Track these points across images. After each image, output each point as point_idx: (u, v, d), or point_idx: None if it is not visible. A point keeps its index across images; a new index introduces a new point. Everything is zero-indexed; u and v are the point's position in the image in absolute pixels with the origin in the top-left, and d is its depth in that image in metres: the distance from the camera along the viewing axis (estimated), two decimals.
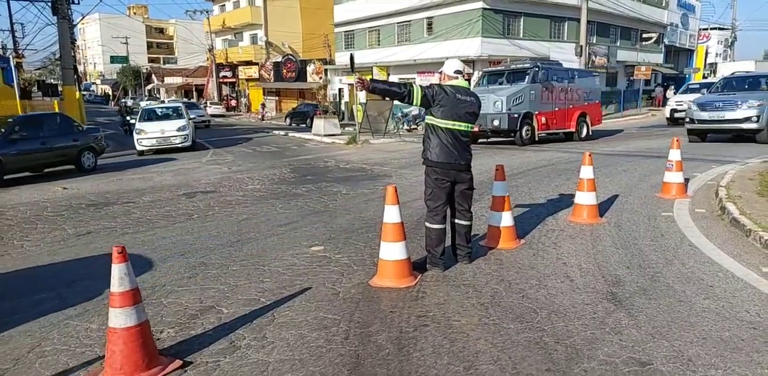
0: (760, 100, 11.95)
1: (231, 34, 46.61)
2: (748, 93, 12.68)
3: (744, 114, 11.90)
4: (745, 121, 11.92)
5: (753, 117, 11.83)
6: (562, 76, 15.43)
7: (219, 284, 4.26)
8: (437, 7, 26.44)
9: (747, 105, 11.90)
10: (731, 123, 12.13)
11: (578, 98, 15.94)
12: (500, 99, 13.83)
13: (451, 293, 3.88)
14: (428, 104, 4.18)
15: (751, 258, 4.35)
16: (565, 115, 15.48)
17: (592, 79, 17.04)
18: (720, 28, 43.33)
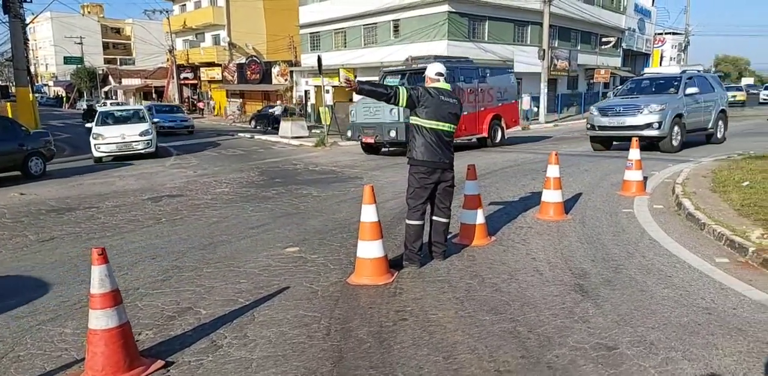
0: (662, 104, 10.93)
1: (192, 35, 45.77)
2: (652, 96, 11.70)
3: (645, 120, 10.88)
4: (646, 127, 10.88)
5: (654, 123, 10.81)
6: (470, 75, 13.80)
7: (194, 286, 4.26)
8: (403, 10, 26.70)
9: (648, 110, 10.91)
10: (632, 130, 10.95)
11: (490, 99, 14.37)
12: (396, 106, 12.78)
13: (427, 288, 3.99)
14: (413, 105, 4.32)
15: (705, 250, 4.62)
16: (476, 119, 13.87)
17: (506, 77, 15.24)
18: (674, 32, 45.17)
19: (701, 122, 12.22)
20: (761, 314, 3.34)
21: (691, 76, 12.35)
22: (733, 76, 74.08)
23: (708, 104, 12.33)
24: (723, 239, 4.68)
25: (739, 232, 4.68)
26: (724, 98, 13.43)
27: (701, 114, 12.12)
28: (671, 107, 10.96)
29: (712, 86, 12.87)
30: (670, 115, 10.86)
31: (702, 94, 11.99)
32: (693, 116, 11.73)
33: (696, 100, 11.76)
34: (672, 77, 12.50)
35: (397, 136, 12.26)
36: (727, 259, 4.36)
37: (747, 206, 5.55)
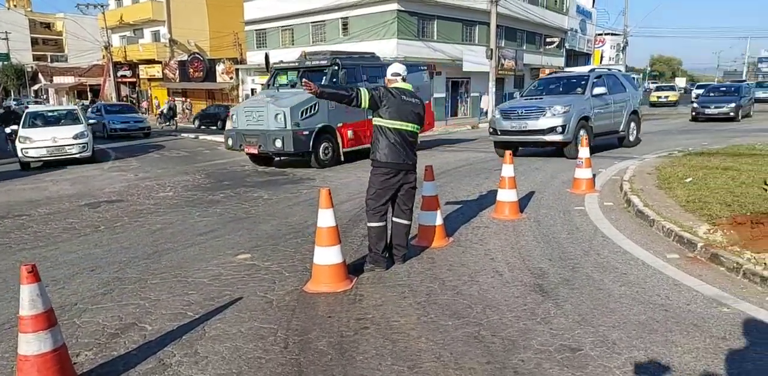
0: (567, 106, 9.97)
1: (130, 31, 43.80)
2: (558, 97, 10.75)
3: (548, 123, 9.95)
4: (549, 132, 9.95)
5: (558, 127, 9.83)
6: (374, 73, 11.57)
7: (138, 300, 3.97)
8: (352, 8, 26.50)
9: (552, 112, 9.94)
10: (535, 134, 10.12)
11: None
12: (282, 111, 10.25)
13: (387, 294, 3.88)
14: (376, 106, 4.22)
15: (656, 246, 4.74)
16: (364, 130, 11.89)
17: (418, 75, 13.33)
18: (613, 33, 47.08)
19: (611, 125, 11.39)
20: (713, 309, 3.42)
21: (599, 75, 11.53)
22: (667, 76, 78.17)
23: (619, 105, 11.55)
24: (672, 235, 4.81)
25: (686, 228, 4.83)
26: (637, 98, 12.57)
27: (611, 116, 11.29)
28: (577, 109, 10.10)
29: (624, 86, 12.08)
30: (575, 118, 10.00)
31: (612, 95, 11.24)
32: (602, 118, 10.92)
33: (605, 101, 10.99)
34: (579, 77, 11.57)
35: (283, 146, 10.30)
36: (677, 255, 4.48)
37: (692, 201, 5.75)
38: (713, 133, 15.15)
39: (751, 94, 22.73)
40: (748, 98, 21.66)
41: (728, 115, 19.12)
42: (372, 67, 11.93)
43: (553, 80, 12.13)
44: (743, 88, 21.89)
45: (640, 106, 12.77)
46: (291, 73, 11.80)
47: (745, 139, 12.63)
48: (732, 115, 19.10)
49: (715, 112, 19.46)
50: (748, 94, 22.15)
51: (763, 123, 18.51)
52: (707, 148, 10.88)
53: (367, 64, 12.02)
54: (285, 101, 10.56)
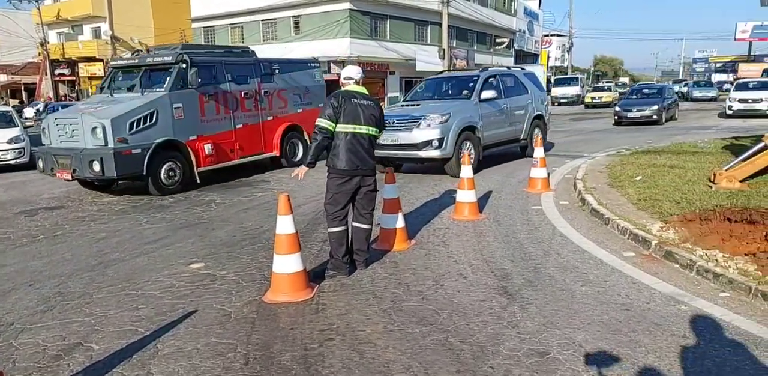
0: (445, 114, 8.21)
1: (68, 27, 41.70)
2: (440, 103, 9.04)
3: (422, 136, 8.08)
4: (424, 146, 8.10)
5: (434, 140, 8.01)
6: (243, 72, 9.59)
7: (83, 316, 3.70)
8: (304, 6, 26.16)
9: (427, 122, 8.12)
10: (407, 149, 8.29)
11: (283, 104, 10.39)
12: (100, 124, 7.66)
13: (351, 302, 3.77)
14: (339, 118, 4.13)
15: (612, 245, 4.83)
16: (260, 133, 9.88)
17: (307, 74, 11.13)
18: (559, 35, 48.58)
19: (509, 133, 9.74)
20: (672, 307, 3.49)
21: (493, 74, 9.71)
22: (609, 75, 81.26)
23: (518, 110, 9.89)
24: (627, 233, 4.92)
25: (640, 226, 4.95)
26: (542, 101, 10.91)
27: (507, 122, 9.63)
28: (459, 118, 8.35)
29: (525, 87, 10.33)
30: (456, 129, 8.25)
31: (509, 98, 9.61)
32: (495, 127, 9.23)
33: (498, 106, 9.33)
34: (468, 78, 9.73)
35: (103, 170, 7.55)
36: (633, 253, 4.57)
37: (643, 200, 5.91)
38: (646, 134, 15.77)
39: (674, 96, 21.52)
40: (672, 100, 20.50)
41: (651, 118, 18.12)
42: (239, 66, 9.57)
43: (442, 81, 10.19)
44: (666, 90, 21.05)
45: (547, 109, 11.19)
46: (129, 73, 9.18)
47: (686, 137, 13.22)
48: (655, 118, 18.13)
49: (637, 116, 18.39)
50: (672, 95, 21.16)
51: (691, 122, 19.40)
52: (653, 146, 11.30)
53: (232, 62, 9.50)
54: (106, 110, 7.94)
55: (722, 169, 6.39)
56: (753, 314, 3.32)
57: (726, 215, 5.00)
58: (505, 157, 10.61)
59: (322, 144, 4.14)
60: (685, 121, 20.00)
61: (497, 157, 10.92)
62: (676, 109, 20.76)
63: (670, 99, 20.14)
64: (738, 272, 3.76)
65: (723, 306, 3.45)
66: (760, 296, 3.45)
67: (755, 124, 16.15)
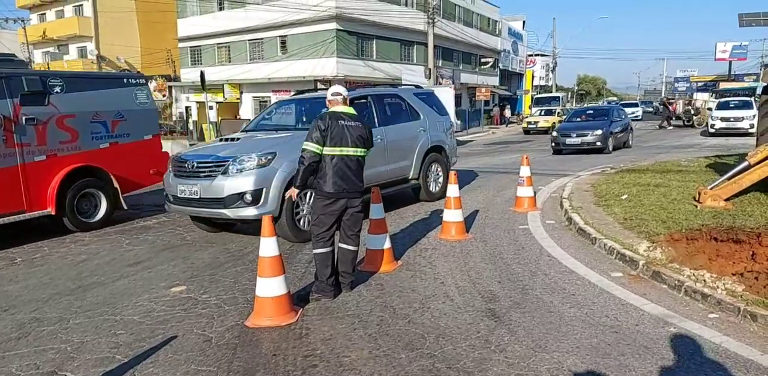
0: (265, 154, 5.72)
1: (54, 47, 41.62)
2: (273, 136, 6.52)
3: (230, 187, 5.63)
4: (232, 202, 5.63)
5: (247, 193, 5.56)
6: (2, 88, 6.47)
7: (59, 343, 3.57)
8: (291, 26, 26.37)
9: (237, 166, 5.67)
10: (210, 206, 5.86)
11: (67, 138, 7.14)
12: None
13: (336, 326, 3.68)
14: (326, 141, 4.09)
15: (600, 265, 4.80)
16: (14, 182, 6.56)
17: (119, 95, 7.86)
18: (543, 54, 49.46)
19: (386, 173, 7.08)
20: (661, 329, 3.45)
21: (360, 96, 6.99)
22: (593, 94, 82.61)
23: (402, 142, 7.38)
24: (614, 253, 4.91)
25: (627, 245, 4.94)
26: (444, 129, 8.44)
27: (383, 159, 6.98)
28: (289, 159, 5.60)
29: (415, 112, 7.82)
30: (284, 175, 5.60)
31: (385, 127, 7.07)
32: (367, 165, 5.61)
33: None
34: (323, 100, 5.60)
35: None
36: (620, 273, 4.55)
37: (629, 219, 5.92)
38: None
39: (625, 119, 17.75)
40: (623, 124, 16.78)
41: (594, 145, 14.87)
42: None
43: (293, 105, 7.59)
44: (614, 112, 17.20)
45: (451, 138, 8.74)
46: None
47: (669, 156, 13.38)
48: (599, 146, 14.85)
49: (576, 142, 15.06)
50: (623, 118, 17.39)
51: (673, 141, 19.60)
52: (637, 164, 11.41)
53: None
54: None
55: (707, 188, 6.44)
56: (743, 336, 3.29)
57: (712, 235, 5.01)
58: (491, 174, 10.57)
59: (309, 168, 4.10)
60: (667, 139, 20.32)
61: (482, 176, 10.90)
62: (629, 134, 17.25)
63: (620, 123, 16.60)
64: (726, 292, 3.74)
65: (712, 328, 3.42)
66: (749, 317, 3.43)
67: (737, 143, 16.43)
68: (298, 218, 5.87)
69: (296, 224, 5.85)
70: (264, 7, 26.55)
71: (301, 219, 5.93)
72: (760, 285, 3.88)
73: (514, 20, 47.78)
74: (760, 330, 3.34)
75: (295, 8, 24.75)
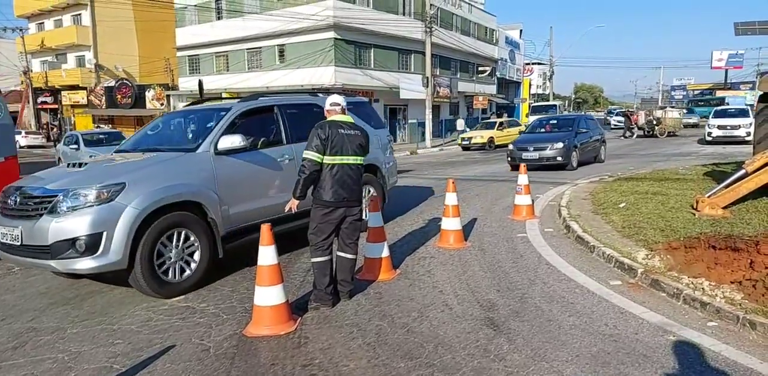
0: (109, 186, 4.34)
1: (52, 56, 41.76)
2: (141, 158, 5.11)
3: (58, 231, 4.20)
4: (61, 251, 4.21)
5: (80, 239, 4.16)
6: None
7: (57, 353, 3.55)
8: (289, 36, 26.52)
9: (69, 203, 4.27)
10: (33, 255, 4.40)
11: None
12: None
13: (335, 335, 3.66)
14: (326, 150, 4.09)
15: (599, 273, 4.80)
16: None
17: None
18: (540, 63, 49.80)
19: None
20: (660, 338, 3.45)
21: (263, 107, 5.77)
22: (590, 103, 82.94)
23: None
24: (613, 261, 4.90)
25: (625, 253, 4.94)
26: (381, 145, 7.03)
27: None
28: (146, 191, 4.43)
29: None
30: (135, 214, 4.30)
31: (297, 144, 5.60)
32: (260, 196, 5.37)
33: (267, 160, 5.45)
34: (213, 112, 5.64)
35: None
36: (619, 281, 4.55)
37: (628, 227, 5.93)
38: None
39: (596, 129, 15.26)
40: (591, 135, 14.45)
41: (555, 160, 12.87)
42: None
43: (180, 119, 6.20)
44: (581, 122, 14.60)
45: (389, 156, 7.42)
46: None
47: (667, 164, 13.43)
48: (560, 161, 12.86)
49: (533, 157, 12.96)
50: (592, 128, 14.86)
51: (671, 149, 19.71)
52: (635, 172, 11.44)
53: None
54: None
55: (705, 196, 6.45)
56: (742, 344, 3.28)
57: (710, 243, 5.01)
58: (487, 184, 10.50)
59: (310, 177, 4.09)
60: (665, 147, 20.40)
61: (480, 184, 10.89)
62: (601, 148, 15.07)
63: (588, 135, 14.30)
64: (725, 300, 3.74)
65: (711, 336, 3.42)
66: (748, 325, 3.42)
67: (735, 151, 16.50)
68: (164, 269, 4.49)
69: (159, 276, 4.43)
70: (262, 16, 26.73)
71: (170, 269, 4.53)
72: (758, 293, 3.88)
73: (511, 29, 48.16)
74: (759, 338, 3.34)
75: (293, 17, 24.92)
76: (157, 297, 4.52)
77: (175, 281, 4.61)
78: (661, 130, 26.38)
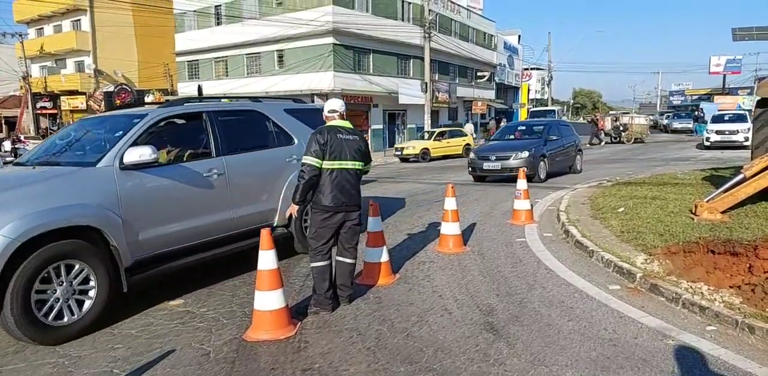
0: None
1: (51, 61, 41.83)
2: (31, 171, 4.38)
3: None
4: None
5: None
6: None
7: (56, 357, 3.55)
8: (288, 41, 26.60)
9: None
10: None
11: None
12: None
13: (334, 339, 3.67)
14: (325, 155, 4.11)
15: (598, 277, 4.81)
16: None
17: None
18: (538, 68, 49.98)
19: (236, 221, 5.11)
20: (659, 342, 3.45)
21: (194, 113, 5.16)
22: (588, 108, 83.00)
23: (260, 176, 5.46)
24: (611, 266, 4.92)
25: (624, 258, 4.95)
26: None
27: (229, 202, 5.05)
28: (17, 217, 3.60)
29: (285, 135, 5.85)
30: (3, 244, 3.47)
31: (231, 157, 5.13)
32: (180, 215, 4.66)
33: (189, 174, 4.77)
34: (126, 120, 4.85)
35: None
36: (618, 286, 4.55)
37: (626, 232, 5.94)
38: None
39: (571, 136, 13.75)
40: (564, 143, 13.06)
41: (518, 171, 9.38)
42: None
43: (93, 126, 5.34)
44: (553, 128, 13.16)
45: None
46: None
47: (666, 169, 13.46)
48: (526, 173, 9.36)
49: (495, 168, 11.71)
50: (566, 135, 13.43)
51: (670, 154, 19.74)
52: (633, 177, 11.47)
53: None
54: None
55: (703, 201, 6.47)
56: (741, 349, 3.29)
57: (709, 247, 5.03)
58: (486, 188, 10.47)
59: (310, 182, 4.10)
60: (664, 152, 20.46)
61: (479, 188, 10.89)
62: (576, 157, 13.67)
63: (560, 143, 12.94)
64: (724, 305, 3.75)
65: (710, 340, 3.43)
66: (747, 329, 3.43)
67: (733, 156, 16.55)
68: (43, 312, 3.70)
69: (39, 320, 3.66)
70: (261, 21, 26.83)
71: (53, 310, 3.75)
72: (757, 297, 3.89)
73: (510, 34, 48.35)
74: (758, 342, 3.35)
75: (292, 23, 25.01)
76: (32, 343, 3.68)
77: (62, 323, 3.78)
78: (627, 136, 26.07)
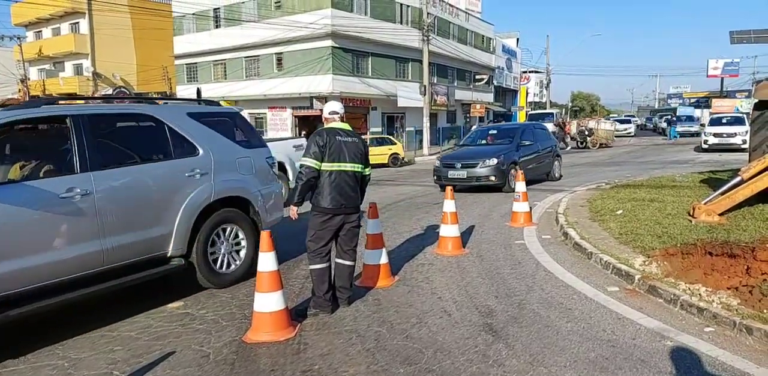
0: None
1: (50, 64, 41.83)
2: None
3: None
4: None
5: None
6: None
7: (56, 360, 3.55)
8: (286, 44, 26.66)
9: None
10: None
11: None
12: None
13: (334, 341, 3.68)
14: (324, 156, 4.13)
15: (596, 279, 4.83)
16: None
17: None
18: (537, 71, 50.07)
19: (107, 253, 4.05)
20: (657, 343, 3.47)
21: (56, 116, 4.01)
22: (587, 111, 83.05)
23: (147, 196, 4.39)
24: (610, 268, 4.93)
25: (623, 260, 4.97)
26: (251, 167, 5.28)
27: (97, 229, 3.97)
28: None
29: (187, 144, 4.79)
30: None
31: (99, 172, 4.03)
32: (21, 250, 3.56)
33: (37, 199, 3.67)
34: None
35: None
36: (617, 287, 4.57)
37: (625, 234, 5.97)
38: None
39: (547, 141, 12.81)
40: (539, 149, 12.03)
41: (488, 179, 10.59)
42: None
43: None
44: (525, 132, 12.05)
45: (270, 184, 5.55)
46: None
47: (664, 171, 13.50)
48: (494, 182, 10.55)
49: (461, 176, 10.74)
50: (543, 140, 12.47)
51: (668, 156, 19.79)
52: (632, 180, 11.50)
53: None
54: None
55: (701, 203, 6.50)
56: (738, 349, 3.31)
57: (707, 249, 5.05)
58: (487, 192, 10.53)
59: (308, 184, 4.13)
60: (662, 155, 20.50)
61: (477, 192, 10.90)
62: (553, 163, 12.72)
63: (534, 148, 11.88)
64: (722, 306, 3.77)
65: (708, 341, 3.44)
66: (745, 330, 3.45)
67: (730, 158, 16.61)
68: None
69: None
70: (260, 24, 26.89)
71: None
72: (755, 299, 3.91)
73: (508, 37, 48.49)
74: (755, 343, 3.36)
75: (291, 26, 25.07)
76: None
77: None
78: (593, 141, 25.89)
